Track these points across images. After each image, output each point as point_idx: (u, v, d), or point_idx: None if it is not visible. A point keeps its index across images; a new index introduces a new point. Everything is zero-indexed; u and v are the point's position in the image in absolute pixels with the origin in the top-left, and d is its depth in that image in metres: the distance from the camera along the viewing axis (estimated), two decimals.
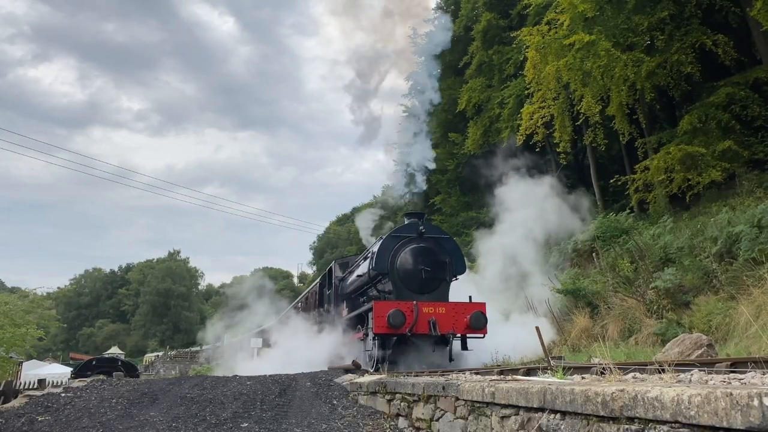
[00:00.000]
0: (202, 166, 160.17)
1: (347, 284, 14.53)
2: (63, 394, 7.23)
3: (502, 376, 5.06)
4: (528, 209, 16.36)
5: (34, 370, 30.08)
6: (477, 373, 5.82)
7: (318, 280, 18.26)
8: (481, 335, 10.73)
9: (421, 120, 18.28)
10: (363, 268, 12.78)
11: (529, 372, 5.73)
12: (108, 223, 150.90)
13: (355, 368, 8.42)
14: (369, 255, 12.44)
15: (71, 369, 30.57)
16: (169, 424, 5.68)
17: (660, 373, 3.55)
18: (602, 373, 3.99)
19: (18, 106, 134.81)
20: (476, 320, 10.57)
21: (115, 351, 55.52)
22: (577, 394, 2.90)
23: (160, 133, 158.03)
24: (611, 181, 18.35)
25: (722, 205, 13.62)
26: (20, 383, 16.84)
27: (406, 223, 12.37)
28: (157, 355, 56.49)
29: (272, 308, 25.94)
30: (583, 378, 3.98)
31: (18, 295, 36.99)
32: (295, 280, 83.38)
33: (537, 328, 8.19)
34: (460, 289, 11.94)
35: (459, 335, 10.77)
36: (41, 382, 11.74)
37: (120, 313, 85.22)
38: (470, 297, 11.30)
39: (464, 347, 10.98)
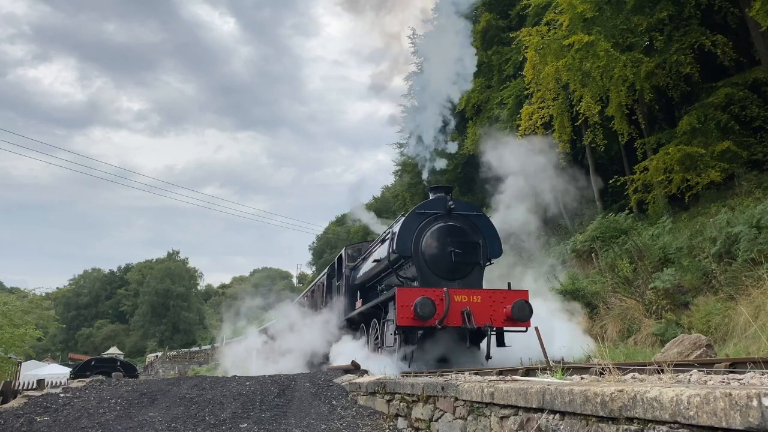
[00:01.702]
0: (201, 167, 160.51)
1: (360, 273, 13.04)
2: (62, 395, 7.22)
3: (501, 376, 5.06)
4: (527, 176, 15.13)
5: (32, 371, 30.11)
6: (476, 374, 5.82)
7: (326, 270, 16.45)
8: (524, 328, 9.23)
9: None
10: (381, 251, 11.27)
11: (528, 372, 5.73)
12: (108, 224, 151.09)
13: (355, 369, 8.41)
14: (388, 236, 10.92)
15: (70, 369, 30.61)
16: (168, 424, 5.68)
17: (659, 373, 3.55)
18: (601, 373, 3.99)
19: (18, 106, 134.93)
20: (520, 310, 9.08)
21: (114, 351, 55.60)
22: (576, 395, 2.90)
23: (160, 133, 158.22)
24: (610, 181, 18.36)
25: (721, 206, 13.64)
26: (19, 384, 16.82)
27: (431, 198, 10.69)
28: (156, 356, 56.48)
29: (275, 306, 25.78)
30: (582, 378, 3.98)
31: (17, 295, 36.95)
32: (294, 280, 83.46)
33: (536, 329, 8.16)
34: None
35: (495, 328, 9.29)
36: (40, 383, 11.71)
37: (119, 313, 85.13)
38: (509, 284, 10.10)
39: (500, 343, 9.47)
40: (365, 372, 8.19)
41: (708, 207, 14.56)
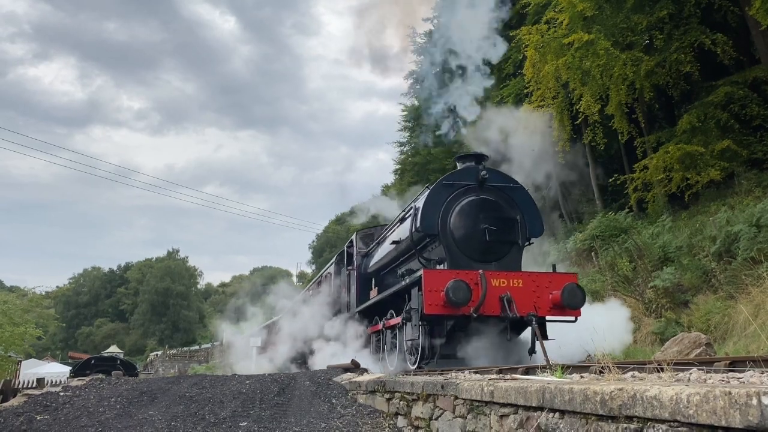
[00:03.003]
0: (202, 166, 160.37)
1: (374, 260, 11.77)
2: (62, 393, 7.23)
3: (501, 374, 5.06)
4: (527, 151, 14.20)
5: (32, 369, 30.05)
6: (476, 372, 5.82)
7: (333, 258, 14.92)
8: (573, 318, 7.97)
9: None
10: (401, 232, 9.91)
11: (528, 371, 5.73)
12: (109, 223, 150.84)
13: (354, 367, 8.41)
14: (410, 213, 9.44)
15: (70, 368, 30.58)
16: (168, 423, 5.68)
17: (659, 372, 3.55)
18: (601, 372, 3.99)
19: (18, 105, 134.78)
20: (571, 296, 7.78)
21: (114, 350, 55.52)
22: (576, 393, 2.90)
23: (160, 132, 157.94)
24: (610, 180, 18.37)
25: (721, 205, 13.66)
26: (19, 382, 16.81)
27: (459, 168, 9.29)
28: (157, 354, 56.54)
29: (275, 292, 25.62)
30: (581, 377, 3.98)
31: (17, 294, 36.96)
32: (294, 279, 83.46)
33: (536, 325, 8.12)
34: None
35: (537, 318, 7.85)
36: (40, 381, 11.73)
37: (119, 312, 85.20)
38: (554, 266, 8.87)
39: (542, 335, 7.99)
40: (365, 370, 8.19)
41: (708, 206, 14.56)
